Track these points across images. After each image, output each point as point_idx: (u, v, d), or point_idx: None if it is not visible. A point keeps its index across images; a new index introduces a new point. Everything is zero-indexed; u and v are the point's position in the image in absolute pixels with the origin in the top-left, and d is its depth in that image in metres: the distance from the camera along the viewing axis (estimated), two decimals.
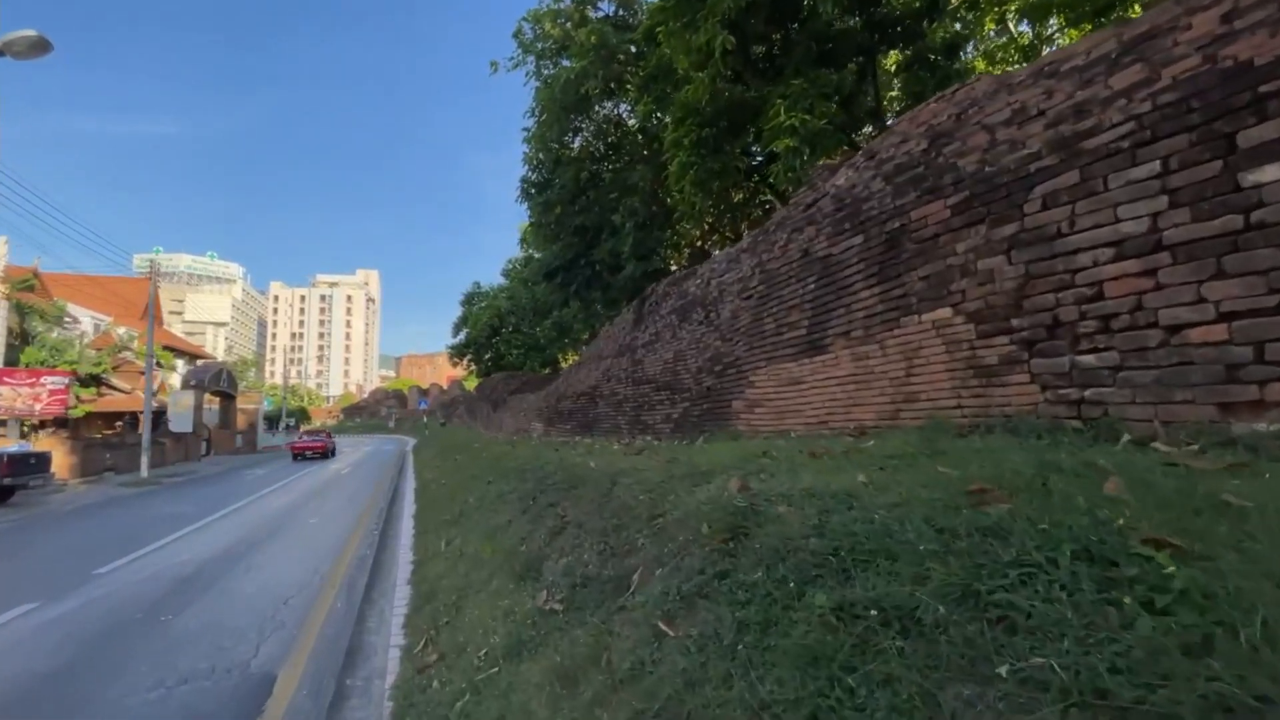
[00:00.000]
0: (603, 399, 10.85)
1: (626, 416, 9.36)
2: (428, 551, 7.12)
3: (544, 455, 8.18)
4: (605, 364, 11.54)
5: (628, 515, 3.70)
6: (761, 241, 7.30)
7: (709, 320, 7.70)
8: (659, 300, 10.80)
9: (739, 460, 4.18)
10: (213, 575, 7.91)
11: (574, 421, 12.23)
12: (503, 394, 26.20)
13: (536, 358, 39.51)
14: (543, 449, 9.58)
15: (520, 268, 46.08)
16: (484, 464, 11.17)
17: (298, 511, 13.52)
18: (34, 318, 30.91)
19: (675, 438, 7.32)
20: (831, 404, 4.80)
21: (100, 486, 20.36)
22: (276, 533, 10.95)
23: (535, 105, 18.55)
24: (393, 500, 13.84)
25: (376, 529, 10.56)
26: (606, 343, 12.47)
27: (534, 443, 12.51)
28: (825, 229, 5.04)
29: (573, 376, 13.69)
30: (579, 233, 18.49)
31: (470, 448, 17.46)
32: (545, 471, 6.34)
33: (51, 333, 31.64)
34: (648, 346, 9.69)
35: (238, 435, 40.67)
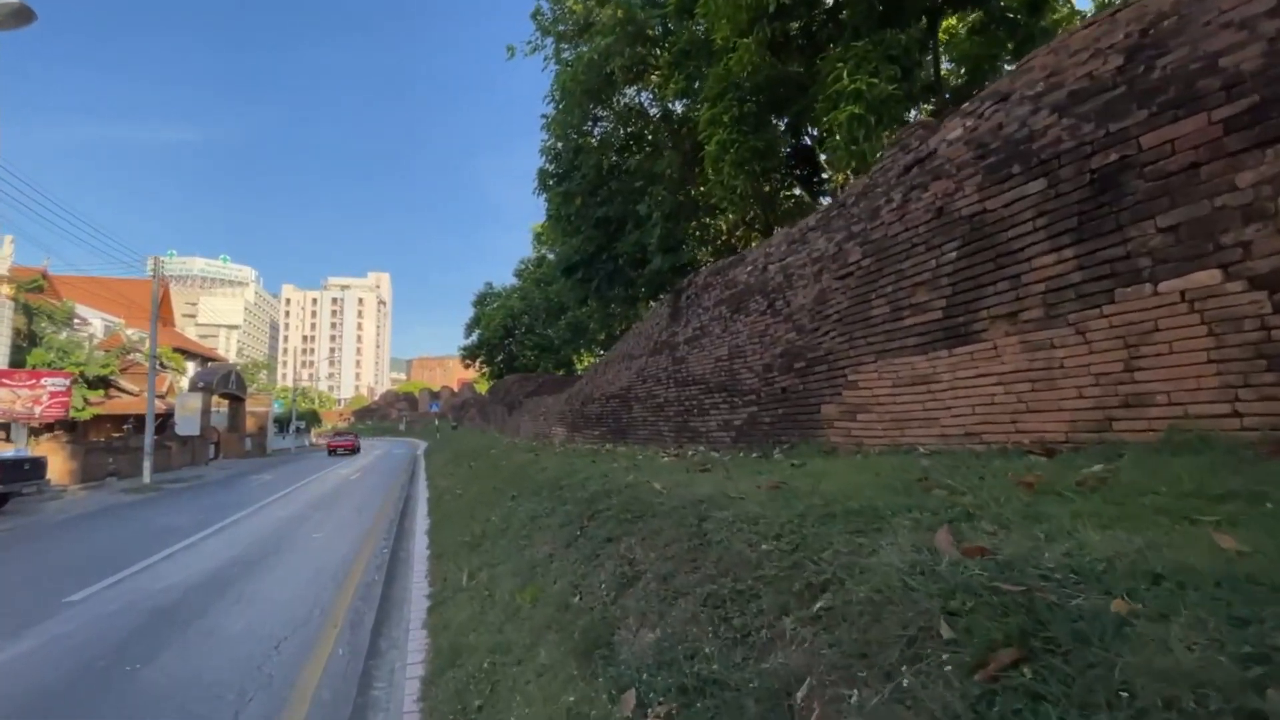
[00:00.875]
0: (638, 402, 9.68)
1: (670, 422, 8.19)
2: (446, 584, 5.98)
3: (579, 467, 7.01)
4: (638, 363, 10.38)
5: (749, 574, 2.52)
6: (838, 216, 6.11)
7: (774, 309, 6.52)
8: (699, 292, 9.64)
9: (887, 487, 2.99)
10: (196, 607, 6.81)
11: (603, 426, 11.07)
12: (518, 396, 25.09)
13: (550, 359, 38.44)
14: (574, 459, 8.42)
15: (533, 268, 45.12)
16: (506, 474, 10.03)
17: (301, 525, 12.46)
18: (41, 319, 30.28)
19: (741, 449, 6.14)
20: (986, 410, 3.62)
21: (100, 493, 19.48)
22: (275, 551, 9.86)
23: (554, 90, 17.44)
24: (404, 513, 12.74)
25: (386, 547, 9.45)
26: (637, 340, 11.31)
27: (558, 450, 11.37)
28: (971, 180, 3.85)
29: (599, 377, 12.54)
30: (600, 225, 17.34)
31: (486, 454, 16.34)
32: (590, 491, 5.17)
33: (60, 334, 31.01)
34: (692, 343, 8.52)
35: (247, 438, 39.93)
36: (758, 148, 11.19)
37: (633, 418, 9.73)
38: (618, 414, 10.47)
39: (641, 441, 9.18)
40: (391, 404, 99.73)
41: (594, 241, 17.39)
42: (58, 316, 31.19)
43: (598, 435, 11.26)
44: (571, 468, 7.33)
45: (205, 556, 9.49)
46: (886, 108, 8.84)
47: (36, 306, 30.17)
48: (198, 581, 7.94)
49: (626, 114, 18.87)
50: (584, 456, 8.85)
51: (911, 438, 4.14)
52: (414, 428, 78.21)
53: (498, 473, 11.23)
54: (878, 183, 5.74)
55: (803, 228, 7.07)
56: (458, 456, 20.09)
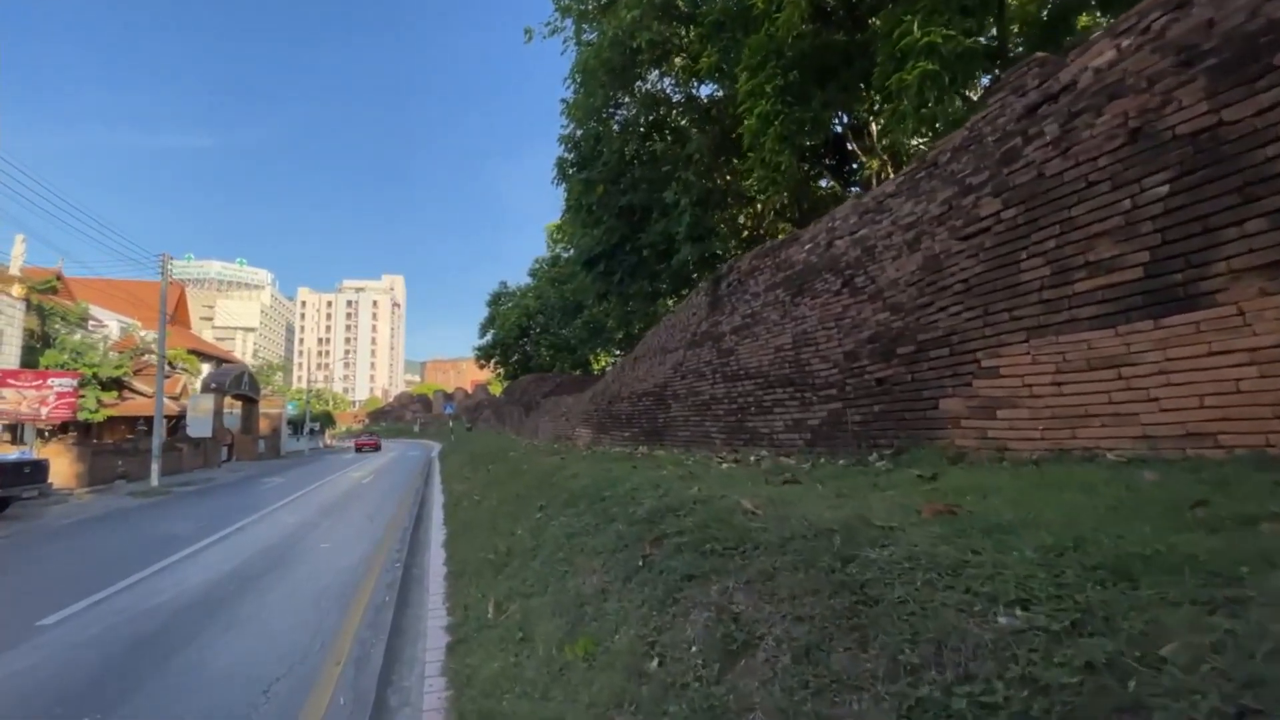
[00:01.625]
0: (676, 400, 8.68)
1: (721, 423, 7.18)
2: (468, 615, 5.01)
3: (620, 474, 6.02)
4: (674, 357, 9.38)
5: (991, 667, 1.50)
6: (929, 176, 5.09)
7: (854, 287, 5.50)
8: (742, 278, 8.63)
9: (1141, 515, 1.96)
10: (182, 635, 5.92)
11: (635, 427, 10.08)
12: (534, 396, 24.19)
13: (567, 359, 37.58)
14: (609, 463, 7.43)
15: (548, 267, 44.34)
16: (530, 480, 9.08)
17: (309, 533, 11.61)
18: (55, 320, 29.96)
19: (821, 454, 5.11)
20: (1225, 401, 2.59)
21: (107, 497, 18.87)
22: (278, 564, 8.99)
23: (575, 72, 16.55)
24: (418, 520, 11.84)
25: (398, 561, 8.53)
26: (671, 333, 10.31)
27: (586, 453, 10.40)
28: (1187, 89, 2.81)
29: (627, 374, 11.55)
30: (623, 214, 16.39)
31: (505, 456, 15.42)
32: (646, 507, 4.17)
33: (74, 335, 30.69)
34: (742, 332, 7.51)
35: (260, 440, 39.50)
36: (804, 120, 10.16)
37: (671, 417, 8.73)
38: (652, 413, 9.47)
39: (683, 444, 8.17)
40: (406, 406, 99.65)
41: (616, 232, 16.45)
42: (71, 317, 30.88)
43: (629, 437, 10.28)
44: (609, 474, 6.34)
45: (202, 569, 8.63)
46: (962, 64, 7.77)
47: (50, 307, 29.87)
48: (189, 601, 7.06)
49: (650, 100, 17.90)
50: (619, 461, 7.86)
51: (1088, 440, 3.11)
52: (428, 429, 77.85)
53: (520, 478, 10.27)
54: (983, 133, 4.71)
55: (878, 195, 6.06)
56: (474, 459, 19.21)
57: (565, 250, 44.27)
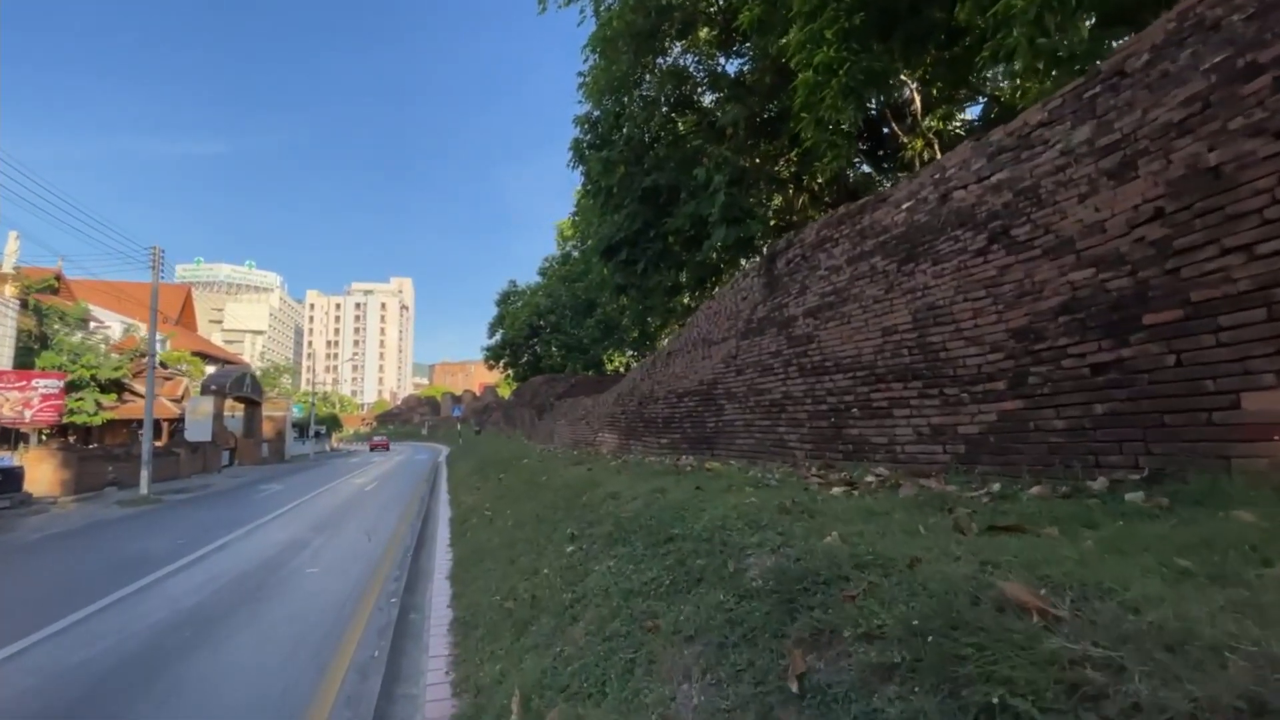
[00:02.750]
0: (732, 400, 7.13)
1: (804, 428, 5.61)
2: (481, 713, 3.50)
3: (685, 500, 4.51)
4: (725, 349, 7.85)
5: None
6: (1108, 91, 3.63)
7: (1014, 243, 3.98)
8: (809, 250, 7.10)
9: None
10: (104, 705, 4.45)
11: (676, 433, 8.53)
12: (547, 398, 22.71)
13: (579, 359, 36.11)
14: (659, 480, 5.89)
15: (558, 265, 42.95)
16: (552, 497, 7.57)
17: (297, 554, 10.17)
18: (53, 320, 28.85)
19: (990, 474, 3.56)
20: None
21: (92, 506, 17.56)
22: (253, 597, 7.52)
23: (594, 42, 15.09)
24: (420, 539, 10.37)
25: (395, 596, 7.05)
26: (715, 322, 8.79)
27: (615, 463, 8.87)
28: None
29: (660, 372, 10.02)
30: (647, 198, 14.88)
31: (518, 464, 13.93)
32: (763, 568, 2.66)
33: (73, 336, 29.56)
34: (822, 314, 5.98)
35: (263, 444, 38.28)
36: (873, 70, 8.62)
37: (725, 422, 7.17)
38: (698, 416, 7.92)
39: (745, 455, 6.61)
40: (414, 408, 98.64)
41: (639, 217, 14.93)
42: (70, 318, 29.76)
43: (667, 444, 8.73)
44: (667, 498, 4.82)
45: (160, 604, 7.18)
46: None
47: (47, 308, 28.77)
48: (128, 653, 5.60)
49: (674, 75, 16.37)
50: (667, 475, 6.33)
51: None
52: (436, 432, 76.66)
53: (538, 492, 8.77)
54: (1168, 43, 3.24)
55: (1017, 129, 4.55)
56: (483, 466, 17.75)
57: (576, 248, 42.92)
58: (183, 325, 52.22)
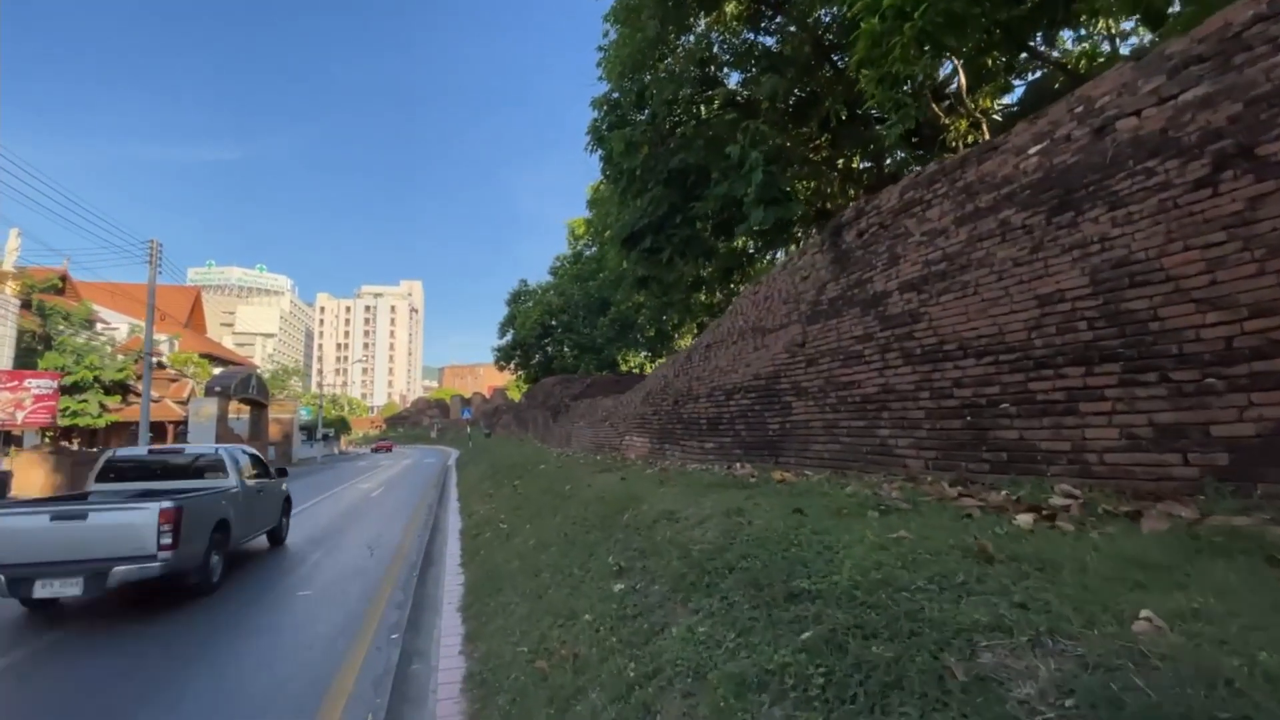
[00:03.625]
0: (804, 396, 5.87)
1: (919, 432, 4.30)
2: None
3: (787, 530, 3.33)
4: (787, 336, 6.63)
5: None
6: None
7: (1269, 163, 2.74)
8: (891, 216, 5.90)
9: None
10: None
11: (726, 435, 7.24)
12: (562, 399, 21.54)
13: (592, 360, 34.94)
14: (726, 495, 4.67)
15: (570, 265, 41.87)
16: (581, 512, 6.38)
17: (289, 573, 9.04)
18: (57, 320, 28.09)
19: (1275, 494, 2.34)
20: None
21: None
22: (230, 627, 6.38)
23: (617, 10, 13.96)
24: (428, 555, 9.20)
25: (397, 632, 5.87)
26: (767, 307, 7.58)
27: (651, 471, 7.65)
28: None
29: (698, 367, 8.80)
30: (673, 179, 13.69)
31: (534, 469, 12.75)
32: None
33: (78, 336, 28.79)
34: (930, 285, 4.76)
35: (270, 447, 37.35)
36: (953, 13, 7.37)
37: (795, 422, 5.89)
38: (755, 417, 6.65)
39: (828, 464, 5.32)
40: (423, 411, 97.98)
41: (664, 201, 13.73)
42: (75, 318, 29.00)
43: (713, 449, 7.47)
44: (750, 526, 3.62)
45: (91, 655, 6.05)
46: None
47: (51, 307, 28.04)
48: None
49: (699, 56, 15.17)
50: (727, 489, 5.11)
51: None
52: (445, 435, 75.82)
53: (562, 504, 7.58)
54: None
55: (1216, 32, 3.37)
56: (496, 472, 16.58)
57: (589, 246, 41.84)
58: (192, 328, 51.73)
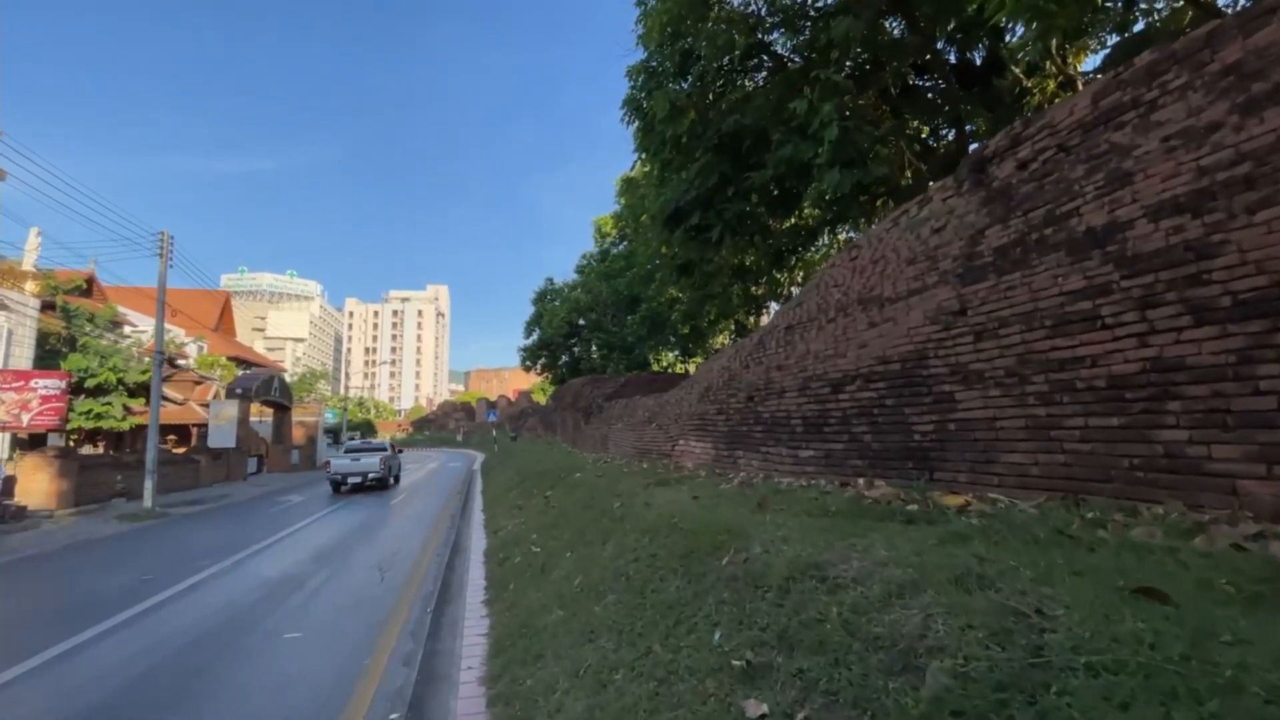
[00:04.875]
0: (977, 384, 3.94)
1: (1258, 435, 2.60)
2: None
3: None
4: (924, 304, 4.85)
5: None
6: None
7: None
8: (1081, 133, 4.11)
9: None
10: None
11: (836, 441, 5.32)
12: (594, 400, 19.91)
13: (622, 359, 33.30)
14: (910, 539, 2.94)
15: (597, 263, 40.41)
16: (644, 544, 4.68)
17: (287, 596, 7.54)
18: (81, 321, 27.58)
19: None
20: None
21: (88, 520, 15.54)
22: (184, 694, 4.84)
23: None
24: (446, 585, 7.60)
25: (398, 712, 4.25)
26: (877, 272, 5.81)
27: (730, 486, 5.87)
28: None
29: (777, 354, 7.02)
30: (725, 147, 11.96)
31: (569, 478, 11.11)
32: None
33: (102, 339, 28.28)
34: (1230, 195, 2.92)
35: (293, 450, 36.57)
36: None
37: (963, 420, 3.99)
38: (889, 415, 4.74)
39: (1035, 484, 3.48)
40: (449, 414, 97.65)
41: (714, 171, 11.99)
42: (100, 320, 28.50)
43: (815, 458, 5.63)
44: (1047, 632, 1.81)
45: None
46: None
47: (75, 309, 27.54)
48: None
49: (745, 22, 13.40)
50: (886, 522, 3.38)
51: None
52: (471, 438, 75.03)
53: (610, 527, 5.89)
54: None
55: None
56: (524, 479, 15.00)
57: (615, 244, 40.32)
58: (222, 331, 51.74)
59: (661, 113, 11.83)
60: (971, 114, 12.88)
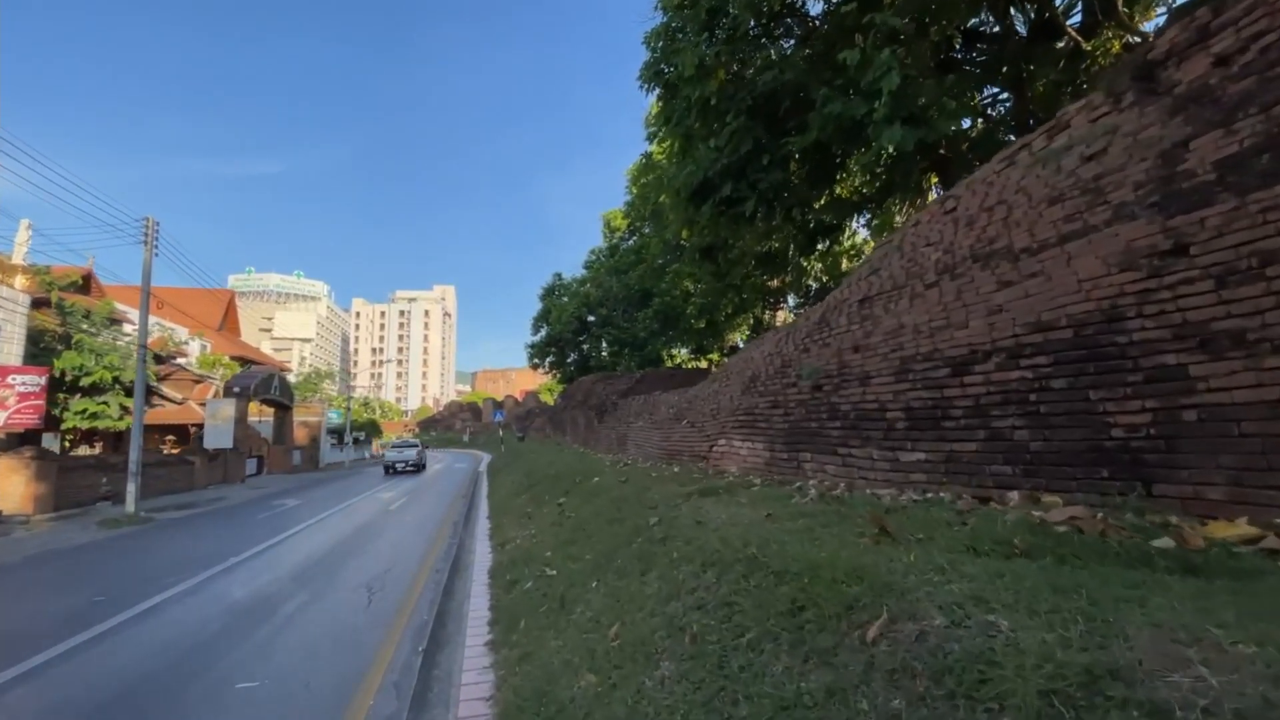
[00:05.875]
0: (1230, 347, 2.70)
1: None
2: None
3: None
4: (1101, 248, 3.48)
5: None
6: None
7: None
8: None
9: None
10: None
11: (959, 440, 3.83)
12: (607, 397, 18.57)
13: (633, 356, 31.95)
14: None
15: (606, 259, 39.12)
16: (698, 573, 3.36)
17: (254, 628, 6.24)
18: (77, 317, 26.53)
19: None
20: None
21: (65, 526, 14.39)
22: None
23: None
24: (441, 614, 6.29)
25: None
26: (995, 220, 4.48)
27: (806, 499, 4.52)
28: None
29: (851, 332, 5.63)
30: (759, 109, 10.62)
31: (586, 483, 9.78)
32: None
33: (98, 336, 27.22)
34: None
35: (295, 451, 35.46)
36: None
37: (1214, 408, 2.73)
38: (1060, 401, 3.13)
39: None
40: (455, 414, 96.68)
41: (748, 137, 10.63)
42: (96, 316, 27.45)
43: (925, 465, 4.16)
44: None
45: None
46: None
47: (70, 305, 26.51)
48: None
49: None
50: (1155, 581, 1.96)
51: None
52: (477, 439, 73.89)
53: (651, 552, 4.56)
54: None
55: None
56: (533, 483, 13.69)
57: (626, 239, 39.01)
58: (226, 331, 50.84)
59: (689, 70, 10.46)
60: (1035, 75, 11.46)
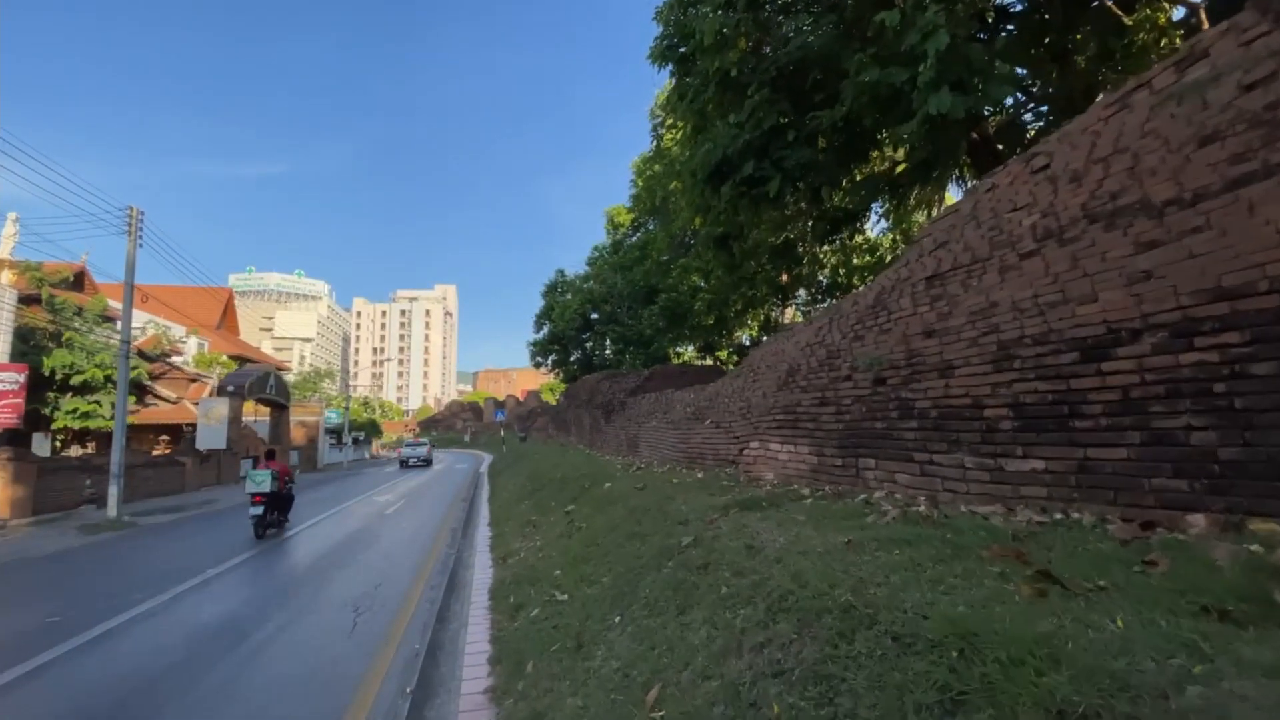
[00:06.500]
0: None
1: None
2: None
3: None
4: None
5: None
6: None
7: None
8: None
9: None
10: None
11: (1092, 443, 2.98)
12: (615, 396, 17.69)
13: (639, 355, 31.05)
14: None
15: (609, 255, 38.21)
16: (766, 621, 2.48)
17: (224, 654, 5.36)
18: (68, 314, 25.70)
19: None
20: None
21: (41, 532, 13.56)
22: None
23: None
24: (433, 648, 5.40)
25: None
26: (1099, 175, 3.57)
27: (915, 527, 3.65)
28: None
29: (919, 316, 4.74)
30: (784, 80, 9.73)
31: (596, 488, 8.90)
32: None
33: (91, 334, 26.39)
34: None
35: (292, 452, 34.61)
36: None
37: None
38: (1266, 397, 2.47)
39: None
40: (457, 414, 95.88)
41: (772, 111, 9.72)
42: (88, 313, 26.63)
43: (1042, 477, 3.21)
44: None
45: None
46: None
47: (61, 302, 25.69)
48: None
49: None
50: None
51: None
52: (479, 439, 73.08)
53: (690, 582, 3.68)
54: None
55: None
56: (537, 487, 12.81)
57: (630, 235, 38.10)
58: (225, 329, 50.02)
59: (708, 40, 9.56)
60: (1083, 44, 10.55)
